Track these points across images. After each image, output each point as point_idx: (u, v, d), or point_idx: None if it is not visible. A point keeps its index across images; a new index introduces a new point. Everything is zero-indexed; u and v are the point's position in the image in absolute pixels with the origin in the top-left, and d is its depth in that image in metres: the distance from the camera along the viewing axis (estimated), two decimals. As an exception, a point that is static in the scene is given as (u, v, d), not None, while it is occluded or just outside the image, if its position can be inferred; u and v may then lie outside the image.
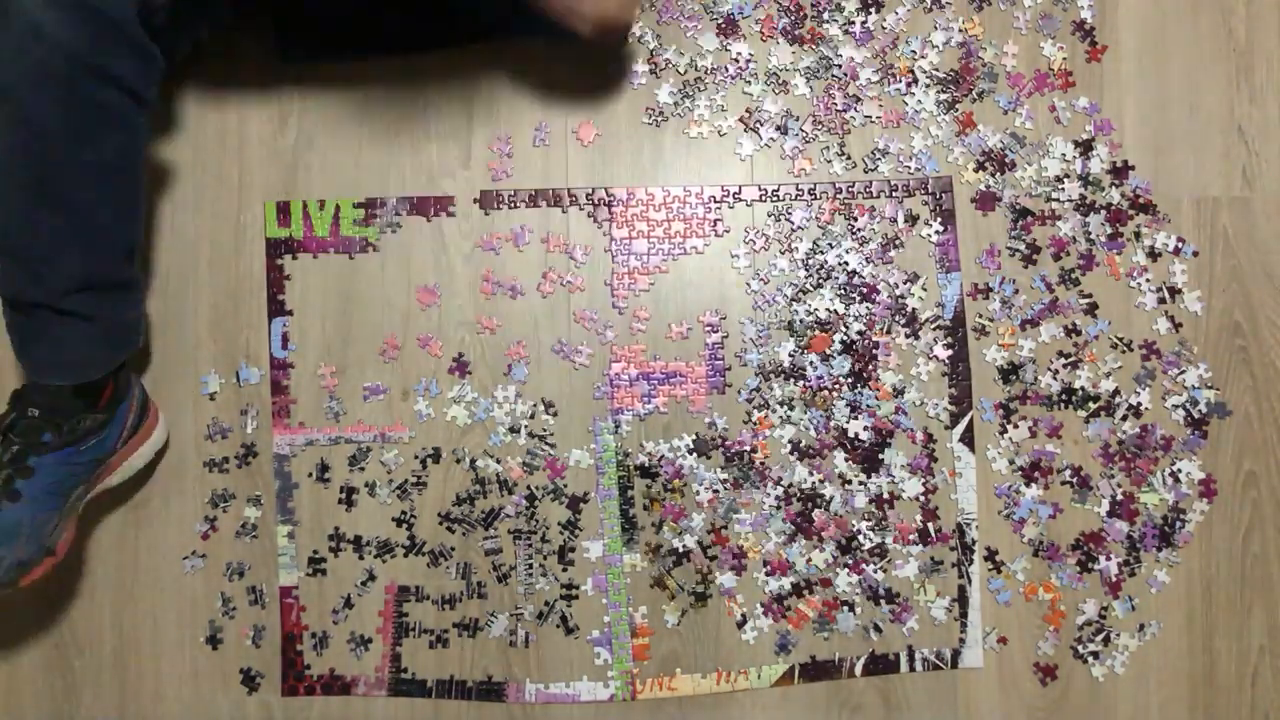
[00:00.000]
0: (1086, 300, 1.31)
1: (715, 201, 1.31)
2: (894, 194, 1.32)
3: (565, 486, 1.28)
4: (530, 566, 1.28)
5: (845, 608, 1.28)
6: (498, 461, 1.29)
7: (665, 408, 1.29)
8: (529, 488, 1.28)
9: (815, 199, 1.31)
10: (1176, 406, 1.30)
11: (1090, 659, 1.28)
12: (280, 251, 1.30)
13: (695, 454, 1.28)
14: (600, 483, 1.28)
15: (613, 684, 1.27)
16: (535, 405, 1.29)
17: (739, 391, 1.29)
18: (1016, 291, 1.31)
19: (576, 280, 1.30)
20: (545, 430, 1.29)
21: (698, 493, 1.28)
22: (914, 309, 1.30)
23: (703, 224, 1.31)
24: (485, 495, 1.28)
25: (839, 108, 1.33)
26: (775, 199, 1.31)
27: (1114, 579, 1.29)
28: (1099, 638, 1.29)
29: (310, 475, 1.28)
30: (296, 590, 1.27)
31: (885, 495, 1.28)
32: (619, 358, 1.30)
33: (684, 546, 1.28)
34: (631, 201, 1.31)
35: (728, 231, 1.31)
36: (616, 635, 1.27)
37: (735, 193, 1.31)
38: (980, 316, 1.31)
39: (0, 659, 1.27)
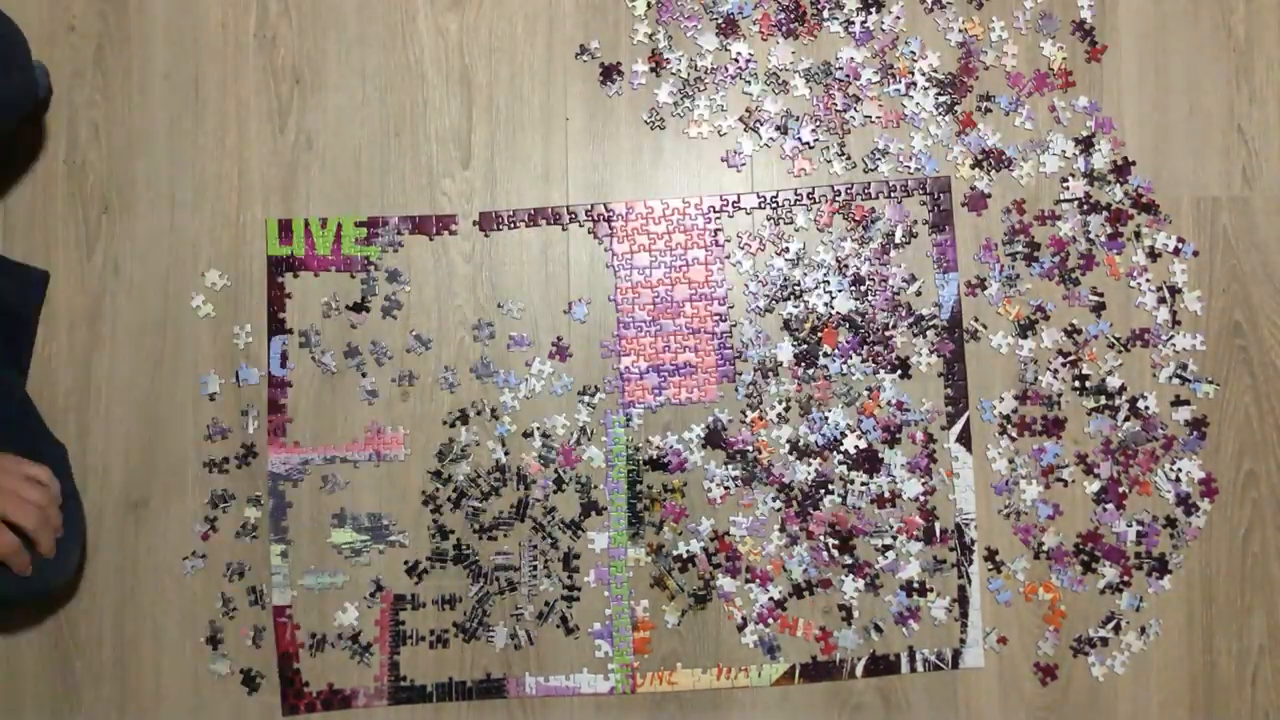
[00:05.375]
0: (1087, 300, 1.31)
1: (715, 211, 1.31)
2: (892, 194, 1.32)
3: (582, 478, 1.28)
4: (535, 568, 1.28)
5: (845, 624, 1.27)
6: (505, 451, 1.28)
7: (677, 399, 1.29)
8: (556, 470, 1.28)
9: (815, 203, 1.31)
10: (1176, 406, 1.30)
11: (1090, 659, 1.28)
12: (281, 270, 1.30)
13: (708, 446, 1.28)
14: (610, 476, 1.28)
15: (613, 676, 1.27)
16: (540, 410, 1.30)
17: (737, 389, 1.29)
18: (1014, 286, 1.31)
19: (580, 298, 1.31)
20: (551, 428, 1.29)
21: (708, 490, 1.28)
22: (910, 306, 1.30)
23: (703, 235, 1.31)
24: (506, 483, 1.28)
25: (839, 108, 1.33)
26: (774, 205, 1.31)
27: (1115, 580, 1.29)
28: (1099, 637, 1.29)
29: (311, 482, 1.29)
30: (290, 609, 1.27)
31: (886, 495, 1.29)
32: (629, 351, 1.30)
33: (688, 551, 1.28)
34: (631, 216, 1.31)
35: (728, 241, 1.31)
36: (618, 628, 1.27)
37: (734, 201, 1.31)
38: (976, 320, 1.31)
39: (0, 659, 1.27)
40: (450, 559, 1.28)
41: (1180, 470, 1.30)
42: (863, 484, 1.29)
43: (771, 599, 1.28)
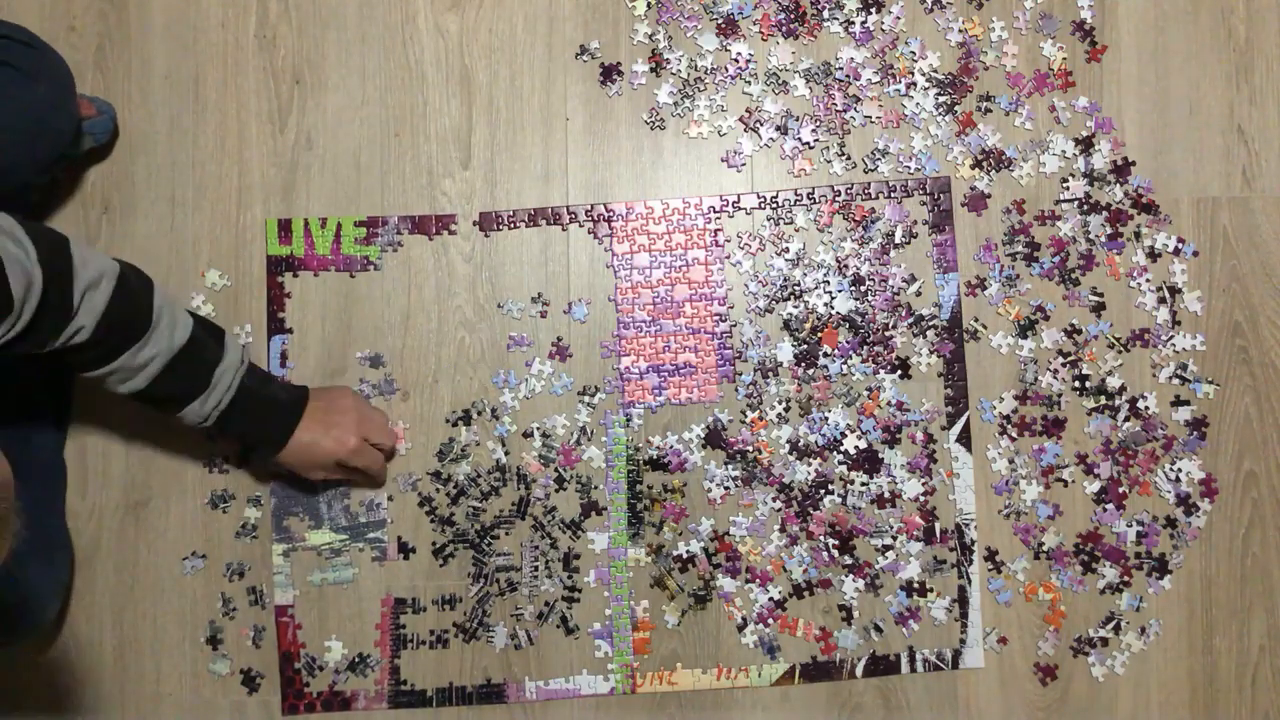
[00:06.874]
0: (1087, 300, 1.31)
1: (715, 211, 1.31)
2: (892, 194, 1.32)
3: (582, 478, 1.28)
4: (535, 568, 1.28)
5: (845, 624, 1.28)
6: (505, 450, 1.28)
7: (677, 399, 1.29)
8: (557, 470, 1.29)
9: (814, 203, 1.31)
10: (1176, 406, 1.30)
11: (1090, 659, 1.29)
12: (281, 269, 1.30)
13: (708, 446, 1.28)
14: (610, 476, 1.29)
15: (613, 677, 1.27)
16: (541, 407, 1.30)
17: (737, 389, 1.29)
18: (1014, 286, 1.31)
19: (580, 298, 1.31)
20: (551, 428, 1.29)
21: (709, 490, 1.28)
22: (910, 306, 1.30)
23: (703, 235, 1.31)
24: (506, 483, 1.28)
25: (839, 108, 1.33)
26: (774, 205, 1.31)
27: (1115, 580, 1.29)
28: (1099, 637, 1.29)
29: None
30: (293, 609, 1.27)
31: (886, 495, 1.29)
32: (629, 351, 1.30)
33: (688, 551, 1.28)
34: (631, 216, 1.31)
35: (728, 241, 1.31)
36: (618, 629, 1.27)
37: (734, 201, 1.31)
38: (976, 320, 1.31)
39: (0, 658, 1.27)
40: (451, 552, 1.28)
41: (1180, 470, 1.30)
42: (863, 484, 1.29)
43: (771, 599, 1.28)
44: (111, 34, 1.32)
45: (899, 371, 1.30)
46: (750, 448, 1.28)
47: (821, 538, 1.28)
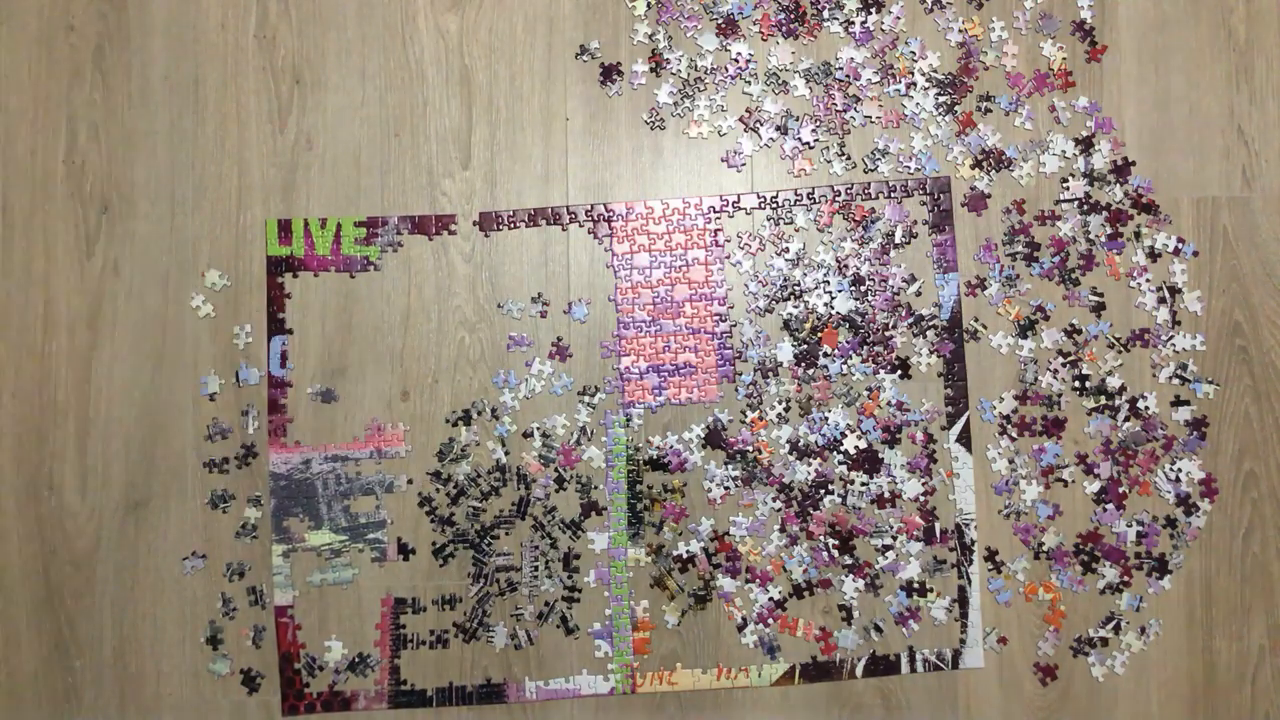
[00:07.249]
0: (1087, 300, 1.31)
1: (715, 211, 1.31)
2: (892, 195, 1.32)
3: (582, 479, 1.29)
4: (535, 569, 1.28)
5: (845, 624, 1.28)
6: (505, 450, 1.28)
7: (676, 399, 1.29)
8: (557, 470, 1.29)
9: (814, 203, 1.31)
10: (1176, 406, 1.30)
11: (1090, 659, 1.29)
12: (281, 269, 1.30)
13: (708, 446, 1.28)
14: (610, 475, 1.29)
15: (613, 677, 1.27)
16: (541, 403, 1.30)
17: (738, 389, 1.29)
18: (1014, 286, 1.31)
19: (579, 299, 1.31)
20: (551, 428, 1.29)
21: (709, 490, 1.28)
22: (910, 306, 1.30)
23: (703, 235, 1.31)
24: (506, 483, 1.29)
25: (839, 108, 1.33)
26: (774, 205, 1.31)
27: (1115, 580, 1.29)
28: (1099, 637, 1.29)
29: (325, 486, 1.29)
30: (293, 609, 1.27)
31: (886, 495, 1.29)
32: (629, 351, 1.30)
33: (688, 551, 1.28)
34: (631, 216, 1.31)
35: (728, 241, 1.31)
36: (618, 628, 1.27)
37: (734, 201, 1.31)
38: (976, 320, 1.31)
39: (0, 659, 1.27)
40: (451, 552, 1.28)
41: (1180, 470, 1.30)
42: (863, 484, 1.29)
43: (771, 599, 1.28)
44: (111, 34, 1.32)
45: (899, 371, 1.30)
46: (750, 448, 1.29)
47: (821, 538, 1.28)
